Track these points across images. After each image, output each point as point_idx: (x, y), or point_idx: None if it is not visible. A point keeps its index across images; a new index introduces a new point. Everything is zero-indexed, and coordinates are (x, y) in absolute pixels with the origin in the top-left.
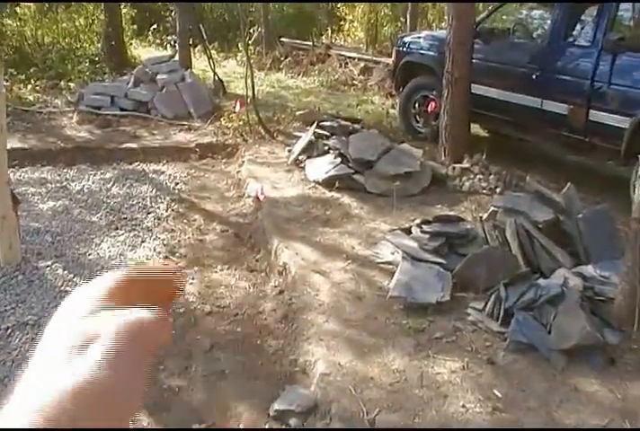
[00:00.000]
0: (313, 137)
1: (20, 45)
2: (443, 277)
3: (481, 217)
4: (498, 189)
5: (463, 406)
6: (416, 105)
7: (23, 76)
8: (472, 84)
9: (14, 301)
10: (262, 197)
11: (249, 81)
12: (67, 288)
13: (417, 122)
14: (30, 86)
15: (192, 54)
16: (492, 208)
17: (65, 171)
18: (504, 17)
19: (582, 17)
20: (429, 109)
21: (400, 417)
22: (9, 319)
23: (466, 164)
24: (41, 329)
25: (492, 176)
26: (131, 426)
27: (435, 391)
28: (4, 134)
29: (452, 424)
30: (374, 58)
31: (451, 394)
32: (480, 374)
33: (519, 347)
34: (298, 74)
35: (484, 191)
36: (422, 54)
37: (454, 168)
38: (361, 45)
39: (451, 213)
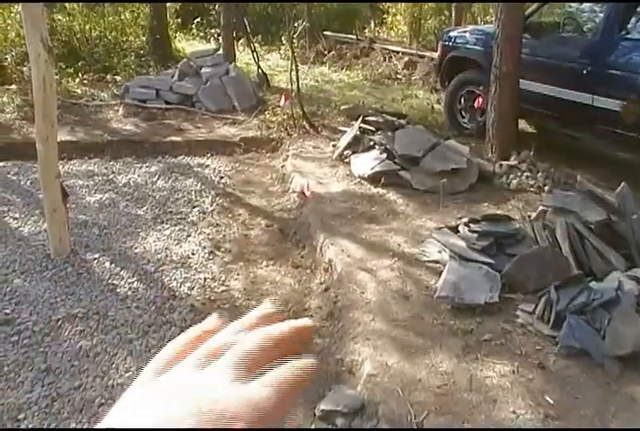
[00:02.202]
0: (358, 132)
1: (69, 39)
2: (492, 277)
3: (529, 216)
4: (546, 188)
5: (513, 412)
6: (462, 100)
7: (72, 70)
8: (520, 80)
9: (64, 293)
10: (308, 193)
11: (293, 74)
12: (114, 282)
13: (463, 118)
14: (77, 79)
15: (236, 47)
16: (541, 207)
17: (111, 163)
18: (554, 11)
19: (637, 10)
20: (475, 105)
21: (448, 421)
22: (59, 310)
23: (513, 161)
24: (89, 322)
25: (540, 174)
26: None
27: (484, 395)
28: (54, 128)
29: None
30: (418, 52)
31: (501, 399)
32: (531, 379)
33: (571, 352)
34: (342, 68)
35: (532, 189)
36: (468, 49)
37: (501, 165)
38: (404, 39)
39: (498, 211)
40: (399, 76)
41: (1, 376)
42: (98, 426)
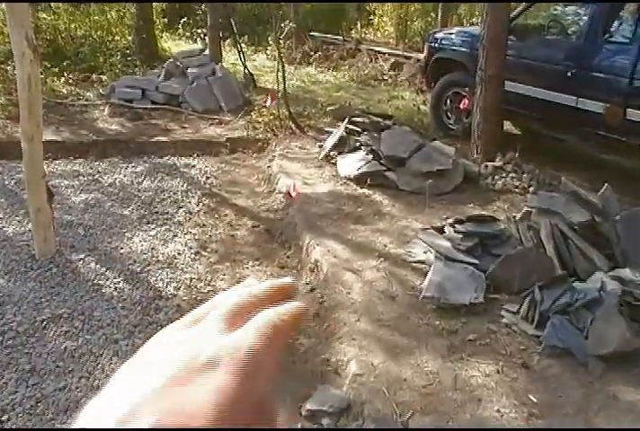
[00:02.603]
0: (344, 133)
1: (54, 38)
2: (477, 277)
3: (514, 217)
4: (531, 189)
5: (498, 410)
6: (448, 102)
7: (57, 69)
8: (506, 81)
9: (49, 293)
10: (294, 194)
11: (280, 75)
12: (100, 282)
13: (449, 119)
14: (62, 79)
15: (223, 47)
16: (526, 208)
17: (97, 163)
18: (539, 13)
19: (621, 13)
20: (461, 107)
21: (433, 420)
22: (44, 311)
23: (498, 163)
24: (74, 323)
25: (525, 175)
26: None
27: (469, 394)
28: (40, 128)
29: (487, 429)
30: (404, 54)
31: (485, 398)
32: (515, 379)
33: (554, 352)
34: (328, 69)
35: (517, 190)
36: (454, 50)
37: (486, 166)
38: (391, 40)
39: (484, 212)
40: (385, 77)
41: None
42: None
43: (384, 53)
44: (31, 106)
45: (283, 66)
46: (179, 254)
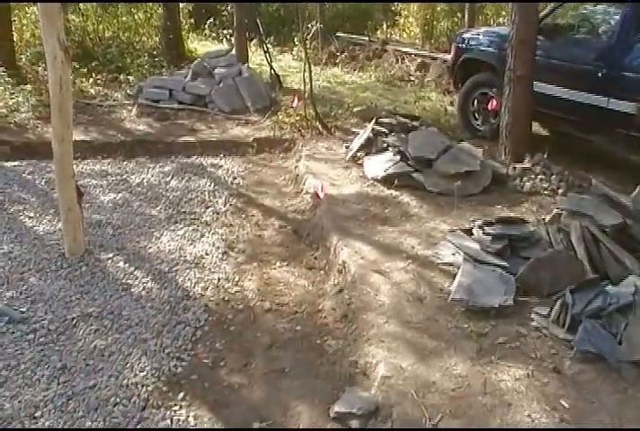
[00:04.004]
0: (371, 134)
1: (82, 39)
2: (506, 280)
3: (544, 219)
4: (560, 190)
5: (528, 415)
6: (475, 103)
7: (85, 70)
8: (534, 82)
9: (79, 292)
10: (321, 195)
11: (306, 76)
12: (129, 281)
13: (476, 120)
14: (91, 80)
15: (249, 48)
16: (556, 210)
17: (124, 163)
18: (568, 13)
19: None
20: (489, 107)
21: (463, 424)
22: (74, 309)
23: (527, 164)
24: (104, 322)
25: (554, 176)
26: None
27: (499, 398)
28: (70, 128)
29: None
30: (431, 54)
31: (516, 403)
32: (546, 383)
33: (586, 357)
34: (354, 70)
35: (546, 192)
36: (481, 50)
37: (514, 168)
38: (417, 40)
39: (512, 214)
40: (412, 78)
41: (18, 374)
42: None
43: (410, 53)
44: (62, 107)
45: (310, 67)
46: (206, 254)
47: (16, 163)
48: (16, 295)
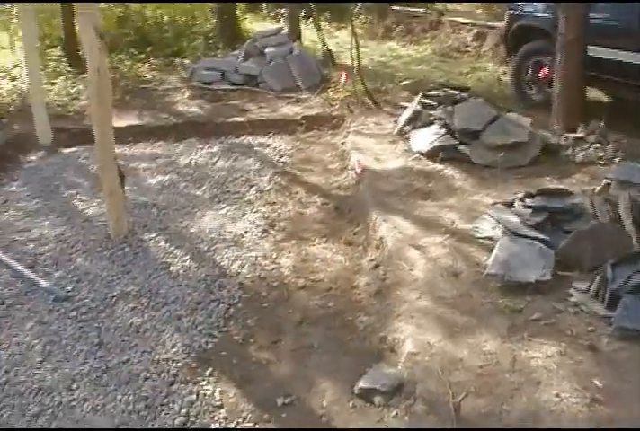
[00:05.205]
0: (418, 107)
1: (141, 25)
2: (545, 254)
3: (592, 190)
4: (616, 160)
5: (557, 395)
6: (529, 71)
7: (143, 55)
8: (590, 46)
9: (121, 271)
10: (359, 169)
11: (354, 51)
12: (168, 260)
13: (530, 89)
14: (147, 64)
15: (304, 25)
16: (605, 180)
17: (175, 145)
18: None
19: None
20: (541, 76)
21: (487, 403)
22: (115, 288)
23: (580, 133)
24: (141, 300)
25: (609, 145)
26: None
27: (527, 376)
28: (110, 113)
29: (543, 413)
30: (488, 23)
31: (545, 381)
32: (579, 361)
33: (625, 334)
34: (410, 43)
35: (600, 162)
36: (536, 16)
37: (567, 137)
38: (476, 9)
39: (561, 186)
40: (468, 49)
41: (59, 348)
42: None
43: (467, 24)
44: (101, 92)
45: (357, 42)
46: (246, 232)
47: (74, 149)
48: (63, 275)
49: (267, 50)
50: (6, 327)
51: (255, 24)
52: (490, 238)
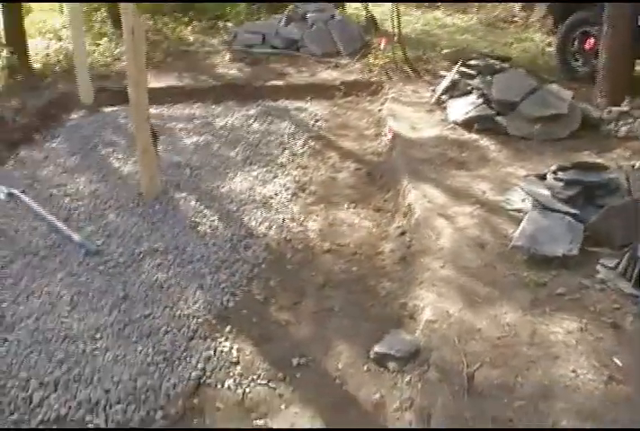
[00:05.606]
0: (457, 77)
1: None
2: (574, 228)
3: (633, 166)
4: None
5: (573, 370)
6: (575, 42)
7: (187, 19)
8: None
9: (150, 228)
10: (390, 135)
11: (395, 19)
12: (197, 219)
13: (576, 61)
14: (190, 28)
15: None
16: None
17: (212, 107)
18: None
19: None
20: (587, 47)
21: (501, 374)
22: (143, 244)
23: (625, 107)
24: (168, 256)
25: None
26: None
27: (545, 350)
28: (144, 74)
29: (556, 388)
30: None
31: (563, 356)
32: (600, 338)
33: None
34: (457, 12)
35: None
36: None
37: (610, 111)
38: None
39: (600, 160)
40: (515, 19)
41: (86, 300)
42: None
43: None
44: (135, 53)
45: (398, 9)
46: (276, 195)
47: (115, 109)
48: (95, 230)
49: (309, 15)
50: (39, 276)
51: None
52: (520, 210)
